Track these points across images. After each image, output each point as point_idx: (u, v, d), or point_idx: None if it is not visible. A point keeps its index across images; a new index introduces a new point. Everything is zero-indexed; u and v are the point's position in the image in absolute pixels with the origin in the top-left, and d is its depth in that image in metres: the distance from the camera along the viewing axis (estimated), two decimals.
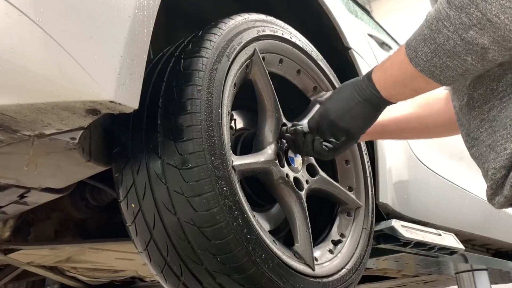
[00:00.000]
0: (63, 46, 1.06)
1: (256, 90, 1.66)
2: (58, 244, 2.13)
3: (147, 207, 1.34)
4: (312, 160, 1.77)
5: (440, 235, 2.56)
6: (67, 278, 2.99)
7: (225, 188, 1.32)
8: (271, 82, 1.64)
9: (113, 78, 1.11)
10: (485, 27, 1.04)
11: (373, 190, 2.05)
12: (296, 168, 1.68)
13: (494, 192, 1.23)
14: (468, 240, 3.23)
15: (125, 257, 2.41)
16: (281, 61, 1.78)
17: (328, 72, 1.98)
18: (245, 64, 1.59)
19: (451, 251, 2.64)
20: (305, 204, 1.63)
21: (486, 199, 1.29)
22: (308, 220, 1.62)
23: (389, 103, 1.39)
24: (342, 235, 1.85)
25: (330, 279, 1.62)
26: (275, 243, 1.49)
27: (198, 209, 1.28)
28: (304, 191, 1.66)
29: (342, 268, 1.71)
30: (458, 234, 2.82)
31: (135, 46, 1.17)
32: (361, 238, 1.86)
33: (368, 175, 2.02)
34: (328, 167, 1.92)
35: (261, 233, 1.41)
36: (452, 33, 1.10)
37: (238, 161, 1.47)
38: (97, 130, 1.42)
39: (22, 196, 1.58)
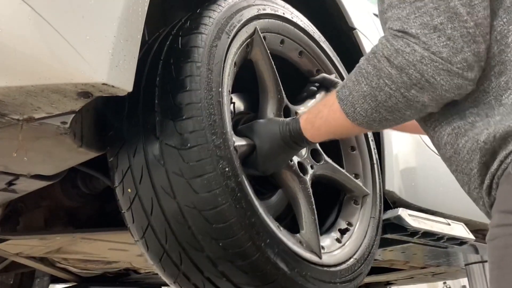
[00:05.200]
0: (53, 25, 1.06)
1: (257, 70, 1.66)
2: (48, 234, 2.14)
3: (144, 191, 1.34)
4: (316, 145, 1.78)
5: (449, 224, 2.56)
6: (57, 269, 3.00)
7: (227, 169, 1.32)
8: (272, 62, 1.64)
9: (106, 59, 1.11)
10: (425, 87, 1.14)
11: (381, 177, 2.05)
12: (300, 153, 1.69)
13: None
14: (479, 230, 3.23)
15: (119, 248, 2.42)
16: (282, 41, 1.78)
17: (331, 55, 1.98)
18: (245, 43, 1.60)
19: (460, 242, 2.65)
20: (310, 190, 1.64)
21: None
22: (314, 206, 1.63)
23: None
24: (349, 224, 1.86)
25: (338, 268, 1.63)
26: (280, 229, 1.49)
27: (199, 191, 1.29)
28: (308, 176, 1.67)
29: (350, 258, 1.71)
30: (468, 224, 2.82)
31: (129, 26, 1.18)
32: (369, 227, 1.87)
33: (375, 162, 2.03)
34: (333, 154, 1.92)
35: (265, 217, 1.41)
36: (394, 91, 1.17)
37: (240, 142, 1.48)
38: (89, 114, 1.43)
39: (10, 184, 1.59)
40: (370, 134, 2.06)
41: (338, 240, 1.78)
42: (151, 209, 1.34)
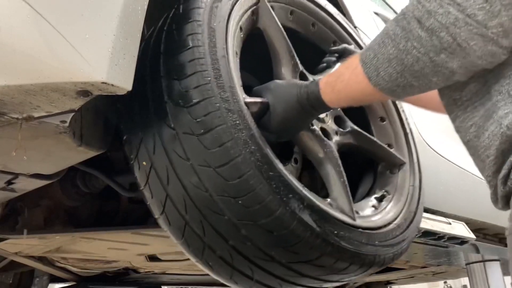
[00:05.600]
0: (52, 24, 1.06)
1: (267, 39, 1.65)
2: (47, 233, 2.14)
3: (158, 161, 1.33)
4: (340, 112, 1.74)
5: (450, 224, 2.57)
6: (57, 269, 3.01)
7: (238, 122, 1.28)
8: (281, 28, 1.63)
9: (105, 58, 1.11)
10: (455, 51, 1.08)
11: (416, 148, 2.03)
12: (322, 119, 1.65)
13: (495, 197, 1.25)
14: (480, 229, 3.24)
15: (118, 247, 2.43)
16: (292, 12, 1.78)
17: (347, 27, 1.98)
18: (250, 10, 1.60)
19: (461, 241, 2.65)
20: (336, 153, 1.59)
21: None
22: (342, 169, 1.57)
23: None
24: (387, 192, 1.82)
25: (376, 232, 1.58)
26: (304, 188, 1.42)
27: (210, 147, 1.25)
28: (333, 141, 1.63)
29: (389, 223, 1.66)
30: (469, 223, 2.83)
31: (128, 24, 1.18)
32: (408, 195, 1.83)
33: (408, 132, 2.00)
34: (360, 125, 1.83)
35: (285, 172, 1.36)
36: (422, 54, 1.11)
37: (252, 99, 1.44)
38: (88, 113, 1.43)
39: (9, 183, 1.59)
40: (400, 106, 2.03)
41: (375, 207, 1.74)
42: (167, 178, 1.31)
